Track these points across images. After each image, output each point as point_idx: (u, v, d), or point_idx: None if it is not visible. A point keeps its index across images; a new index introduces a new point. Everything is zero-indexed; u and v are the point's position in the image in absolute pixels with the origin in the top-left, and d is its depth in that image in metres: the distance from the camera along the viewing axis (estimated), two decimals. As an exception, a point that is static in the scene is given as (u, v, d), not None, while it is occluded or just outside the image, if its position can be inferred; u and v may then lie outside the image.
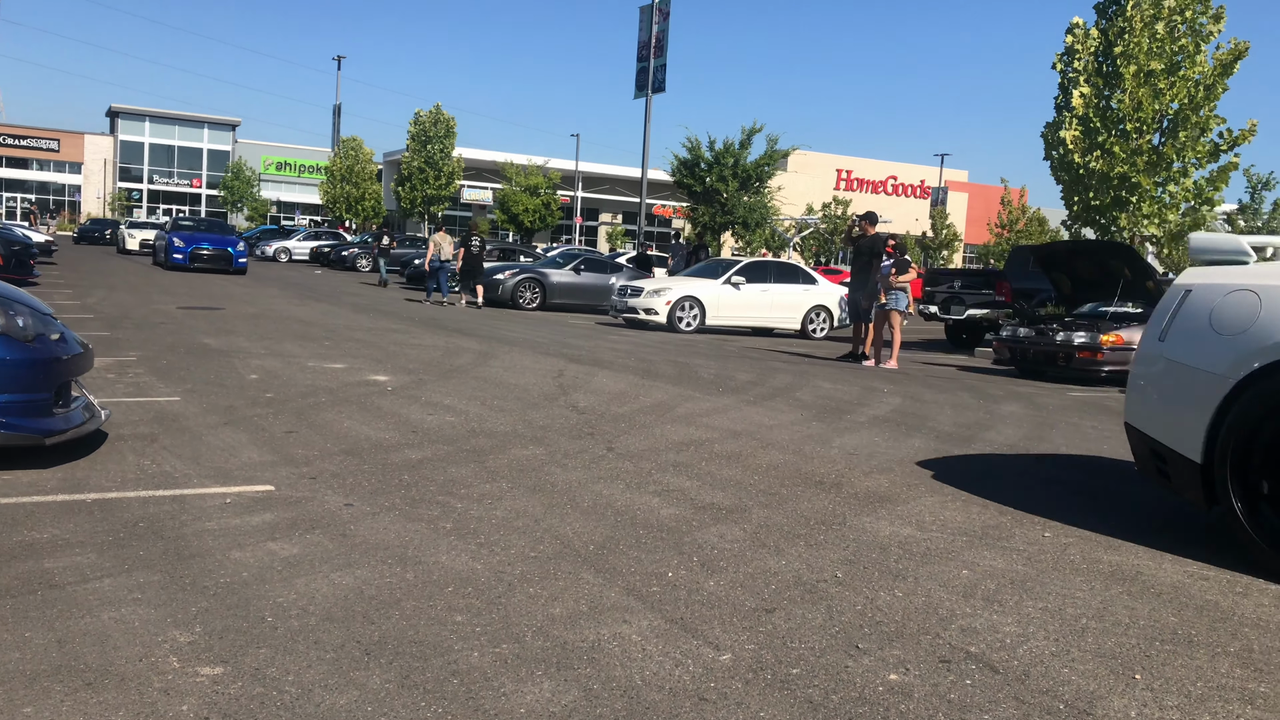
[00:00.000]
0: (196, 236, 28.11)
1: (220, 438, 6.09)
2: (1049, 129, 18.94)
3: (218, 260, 27.70)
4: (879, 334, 14.07)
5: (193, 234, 28.48)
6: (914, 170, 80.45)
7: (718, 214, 35.04)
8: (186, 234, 28.37)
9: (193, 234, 28.48)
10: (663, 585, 3.73)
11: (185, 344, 10.95)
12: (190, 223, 31.73)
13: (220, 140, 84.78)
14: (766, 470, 5.96)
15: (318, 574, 3.66)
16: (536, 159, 61.36)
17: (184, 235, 28.09)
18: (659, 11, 31.65)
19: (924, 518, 4.99)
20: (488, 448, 6.19)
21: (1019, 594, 3.84)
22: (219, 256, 27.74)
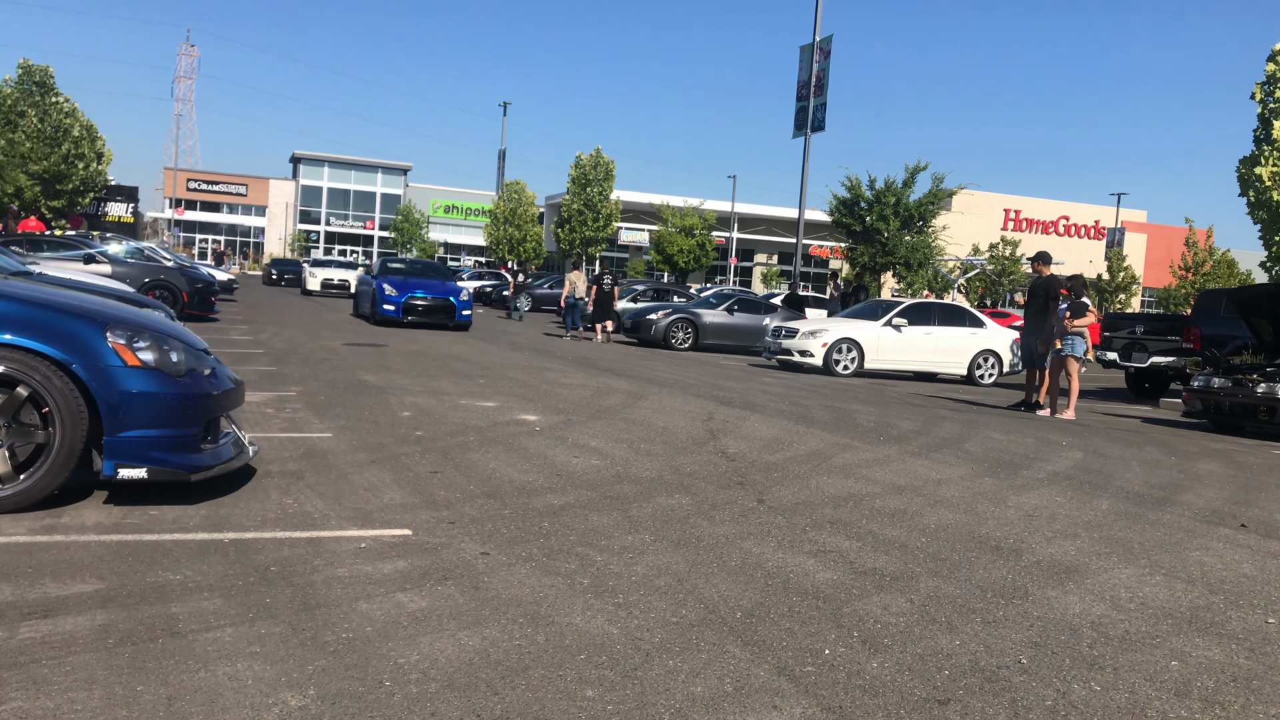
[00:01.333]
0: (410, 283, 22.86)
1: (365, 477, 6.00)
2: (1244, 165, 17.53)
3: (437, 313, 22.38)
4: (1055, 381, 13.15)
5: (405, 279, 23.29)
6: (1087, 210, 76.91)
7: (878, 254, 34.15)
8: (398, 279, 23.20)
9: (405, 279, 23.29)
10: (818, 665, 3.31)
11: (345, 380, 11.15)
12: (401, 265, 25.92)
13: (393, 184, 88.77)
14: (935, 531, 5.44)
15: (444, 632, 3.41)
16: (692, 200, 61.62)
17: (395, 281, 22.92)
18: (820, 50, 31.25)
19: (1119, 594, 4.39)
20: (632, 495, 5.89)
21: (1246, 695, 3.24)
22: (438, 308, 22.39)
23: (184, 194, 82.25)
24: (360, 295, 25.22)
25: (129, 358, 4.86)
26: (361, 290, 25.09)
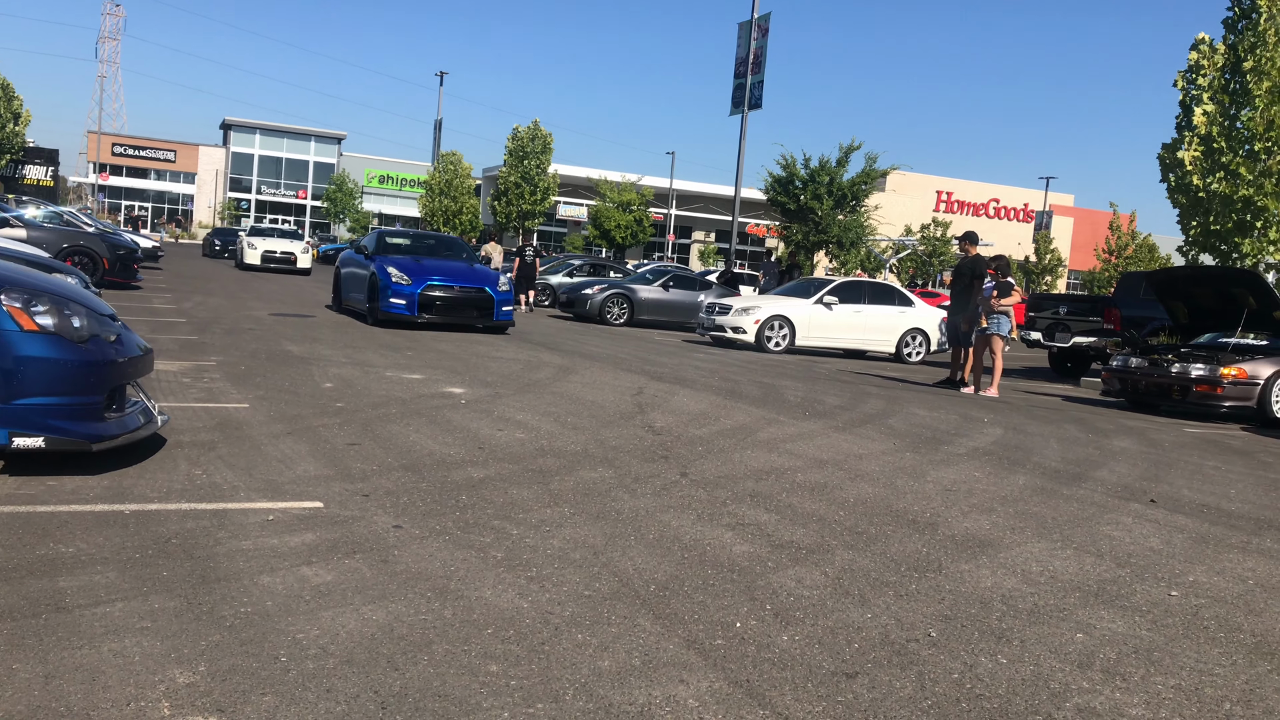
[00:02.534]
0: (425, 266, 15.97)
1: (280, 448, 5.85)
2: (1166, 150, 17.93)
3: (466, 309, 15.69)
4: (979, 360, 13.35)
5: (417, 260, 16.28)
6: (1017, 193, 78.28)
7: (811, 232, 34.37)
8: (407, 261, 16.13)
9: (417, 260, 16.28)
10: (729, 638, 3.29)
11: (268, 350, 10.89)
12: (405, 239, 18.14)
13: (326, 153, 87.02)
14: (854, 505, 5.46)
15: (348, 606, 3.32)
16: (630, 176, 61.41)
17: (404, 263, 15.91)
18: (758, 28, 31.21)
19: (1030, 568, 4.45)
20: (554, 468, 5.82)
21: (1145, 666, 3.29)
22: (468, 302, 15.72)
23: (109, 159, 79.78)
24: (346, 281, 17.62)
25: (25, 321, 4.65)
26: (348, 274, 17.48)
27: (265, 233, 35.65)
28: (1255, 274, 13.27)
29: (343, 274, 18.08)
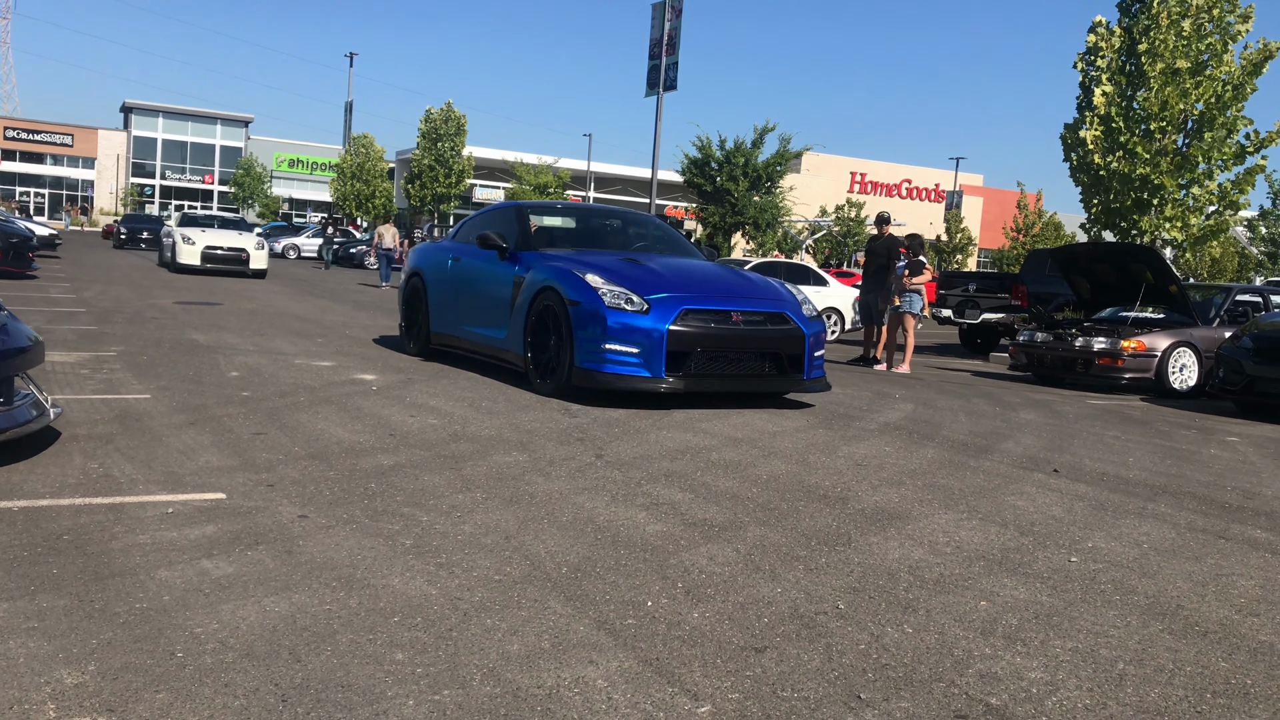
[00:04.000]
0: (653, 270, 8.34)
1: (181, 439, 5.68)
2: (1068, 130, 18.40)
3: (755, 358, 8.18)
4: (892, 337, 13.59)
5: (634, 263, 8.49)
6: (929, 174, 79.80)
7: (728, 214, 34.57)
8: (614, 263, 8.43)
9: (634, 263, 8.49)
10: (639, 617, 3.28)
11: (172, 339, 10.57)
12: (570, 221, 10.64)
13: (233, 136, 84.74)
14: (766, 482, 5.51)
15: (249, 599, 3.23)
16: (547, 158, 61.01)
17: (613, 267, 8.25)
18: (671, 9, 31.16)
19: (937, 538, 4.54)
20: (467, 453, 5.75)
21: (1045, 631, 3.38)
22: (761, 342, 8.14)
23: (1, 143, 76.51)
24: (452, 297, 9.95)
25: (-101, 313, 4.30)
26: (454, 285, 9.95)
27: (200, 222, 26.56)
28: (1152, 250, 13.73)
29: (435, 283, 10.04)
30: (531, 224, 9.67)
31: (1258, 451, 8.02)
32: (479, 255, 9.47)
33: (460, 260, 9.91)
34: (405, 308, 10.81)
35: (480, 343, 9.28)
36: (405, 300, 10.82)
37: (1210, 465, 7.14)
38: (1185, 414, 10.51)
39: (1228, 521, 5.29)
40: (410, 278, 10.80)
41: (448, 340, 9.95)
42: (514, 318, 8.61)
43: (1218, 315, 13.33)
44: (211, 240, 23.92)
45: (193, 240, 23.67)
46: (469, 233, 10.23)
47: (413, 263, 10.94)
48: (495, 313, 8.98)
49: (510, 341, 8.70)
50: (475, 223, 10.41)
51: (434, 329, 10.11)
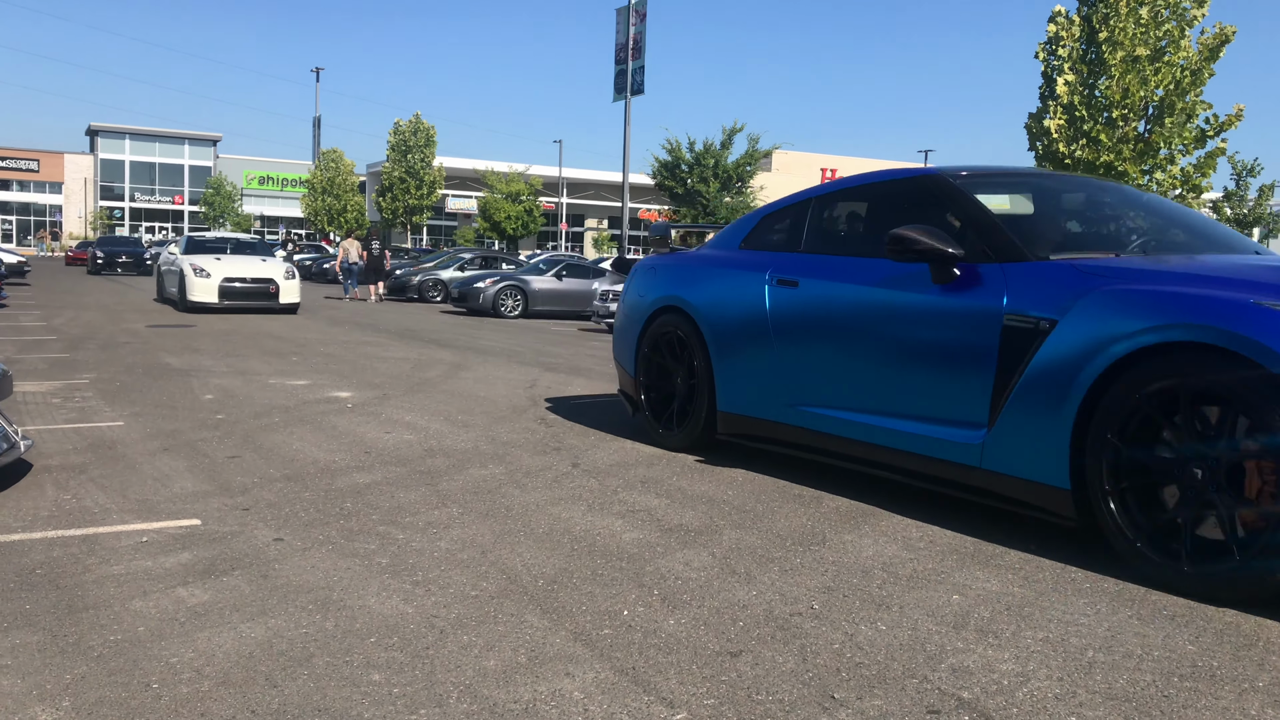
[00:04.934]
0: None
1: (156, 466, 5.66)
2: (1033, 120, 18.58)
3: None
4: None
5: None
6: (899, 167, 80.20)
7: (700, 215, 34.67)
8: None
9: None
10: (616, 627, 3.31)
11: (145, 364, 10.52)
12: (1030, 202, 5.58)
13: (201, 156, 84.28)
14: (742, 484, 5.54)
15: (225, 626, 3.24)
16: (518, 166, 61.00)
17: None
18: (636, 13, 31.25)
19: (910, 533, 4.58)
20: (443, 468, 5.76)
21: (1016, 622, 3.43)
22: None
23: (-35, 171, 75.79)
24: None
25: None
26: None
27: (211, 247, 21.30)
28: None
29: (733, 328, 6.06)
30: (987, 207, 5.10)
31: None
32: (862, 273, 5.30)
33: (806, 284, 5.53)
34: (644, 365, 6.77)
35: (882, 441, 5.10)
36: (643, 354, 6.76)
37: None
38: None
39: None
40: (654, 315, 6.66)
41: (767, 429, 5.83)
42: (1025, 398, 4.33)
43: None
44: (230, 270, 19.47)
45: (207, 271, 19.21)
46: (787, 232, 6.08)
47: (659, 289, 6.65)
48: (938, 385, 4.81)
49: (1012, 448, 4.42)
50: (820, 214, 5.94)
51: (730, 408, 6.01)
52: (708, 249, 6.80)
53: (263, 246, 23.57)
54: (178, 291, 19.65)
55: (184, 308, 19.22)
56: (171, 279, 20.61)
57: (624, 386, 7.19)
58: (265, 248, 23.66)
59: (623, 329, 7.13)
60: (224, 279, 19.19)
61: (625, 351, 7.05)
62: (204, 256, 20.06)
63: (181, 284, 19.39)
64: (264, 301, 19.52)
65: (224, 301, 19.16)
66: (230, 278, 19.30)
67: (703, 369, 6.21)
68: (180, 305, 19.45)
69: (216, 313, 18.98)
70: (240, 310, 19.56)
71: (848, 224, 5.95)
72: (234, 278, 19.35)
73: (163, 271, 22.09)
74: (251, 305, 19.46)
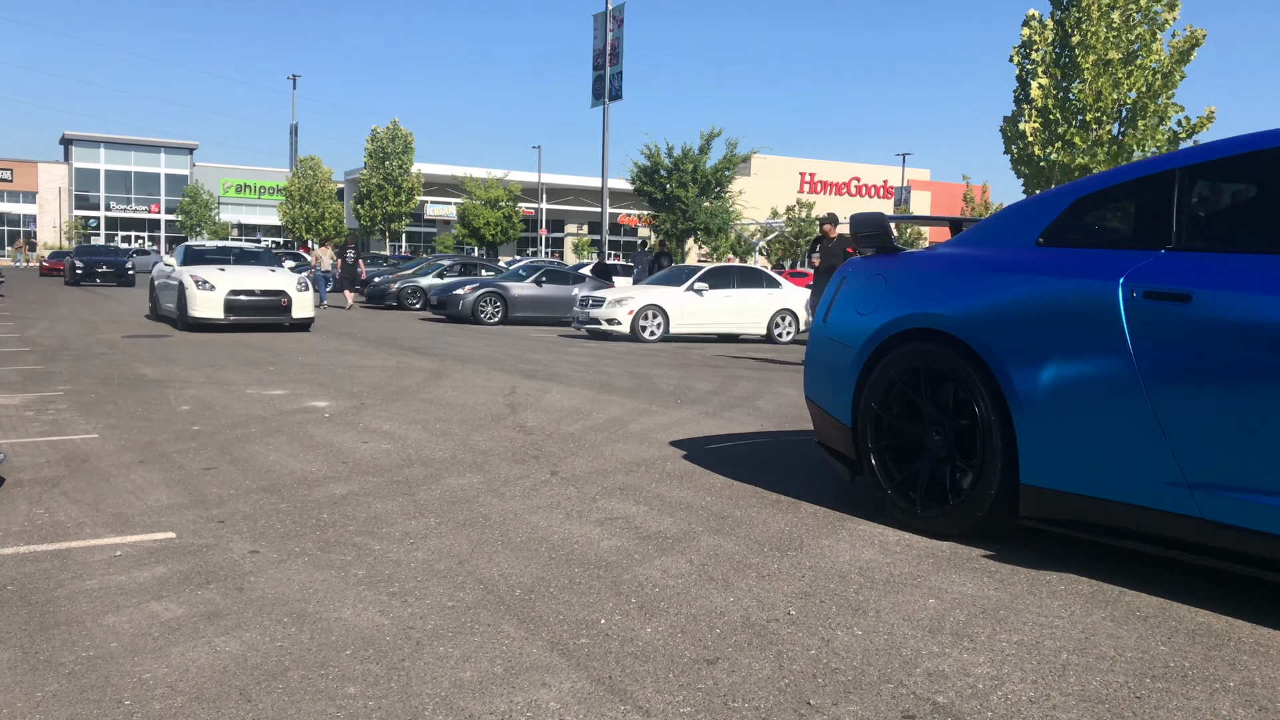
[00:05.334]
0: None
1: (130, 478, 5.61)
2: (1008, 123, 18.72)
3: None
4: (844, 337, 13.68)
5: None
6: (877, 171, 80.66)
7: (679, 220, 34.73)
8: None
9: None
10: (593, 636, 3.31)
11: (120, 375, 10.44)
12: None
13: (178, 164, 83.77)
14: (720, 489, 5.55)
15: (199, 640, 3.21)
16: (496, 172, 60.94)
17: None
18: (613, 19, 31.29)
19: (887, 537, 4.60)
20: (421, 478, 5.74)
21: (992, 625, 3.45)
22: None
23: (-63, 181, 75.05)
24: None
25: None
26: None
27: (212, 258, 19.36)
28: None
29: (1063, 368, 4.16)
30: None
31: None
32: None
33: (1209, 298, 3.76)
34: (870, 411, 5.01)
35: None
36: (871, 396, 5.00)
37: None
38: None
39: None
40: (889, 342, 4.95)
41: (1125, 518, 4.00)
42: None
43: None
44: (237, 281, 17.36)
45: (210, 283, 17.07)
46: (1134, 219, 4.38)
47: (897, 305, 4.97)
48: None
49: None
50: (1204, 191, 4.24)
51: (1048, 481, 4.22)
52: (969, 246, 4.90)
53: (269, 257, 20.92)
54: (176, 307, 17.61)
55: (184, 324, 17.15)
56: (168, 293, 18.44)
57: (827, 438, 5.42)
58: (271, 258, 20.90)
59: (828, 362, 5.36)
60: (230, 292, 17.03)
61: (832, 392, 5.27)
62: (206, 267, 17.95)
63: (181, 298, 17.23)
64: (275, 316, 17.41)
65: (230, 317, 17.02)
66: (237, 290, 17.13)
67: (991, 421, 4.38)
68: (180, 322, 17.37)
69: (221, 330, 17.11)
70: (248, 327, 17.52)
71: (1267, 206, 4.00)
72: (241, 290, 17.19)
73: (157, 285, 19.82)
74: (261, 321, 17.42)
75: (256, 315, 17.30)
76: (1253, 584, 3.95)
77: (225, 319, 16.99)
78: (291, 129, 64.61)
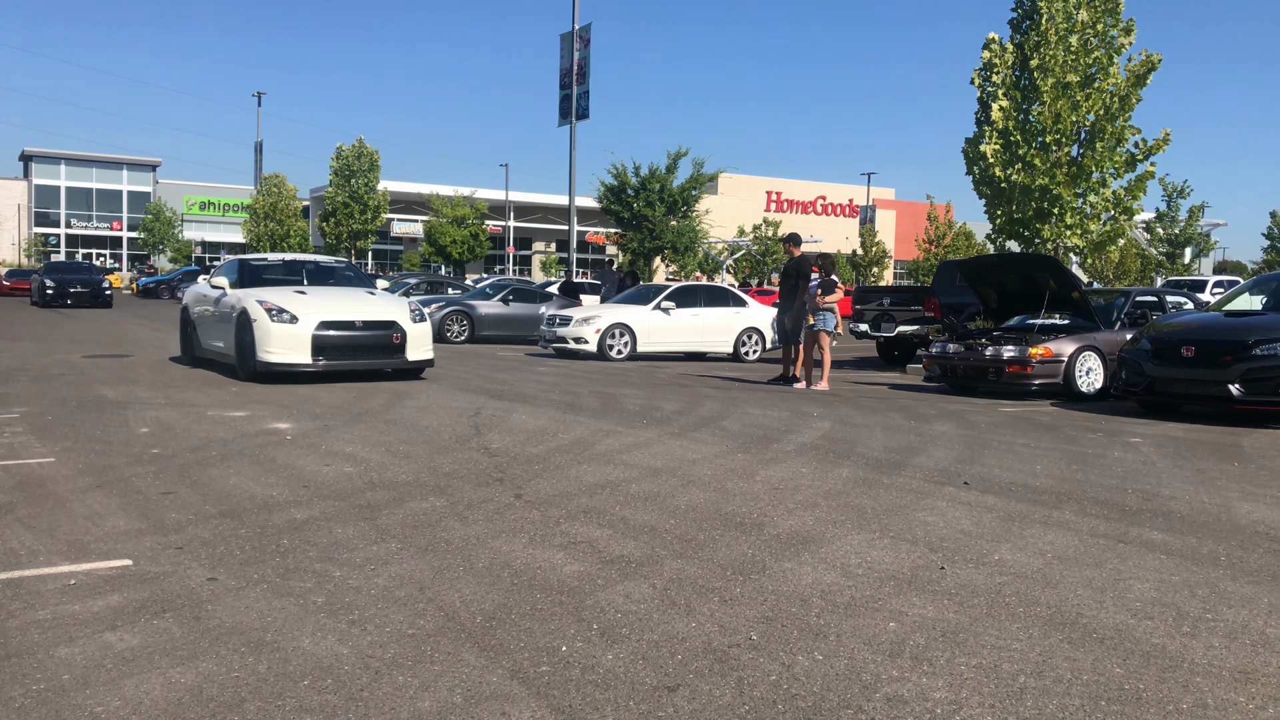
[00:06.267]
0: None
1: (87, 504, 5.53)
2: (969, 144, 18.93)
3: None
4: (809, 355, 13.81)
5: None
6: (842, 190, 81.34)
7: (646, 239, 34.83)
8: None
9: None
10: (553, 663, 3.29)
11: (79, 396, 10.28)
12: None
13: (140, 181, 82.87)
14: (685, 512, 5.56)
15: (154, 671, 3.17)
16: (463, 189, 60.83)
17: None
18: (579, 39, 31.41)
19: (849, 560, 4.62)
20: (383, 501, 5.71)
21: (951, 649, 3.47)
22: None
23: (-108, 198, 73.75)
24: None
25: None
26: None
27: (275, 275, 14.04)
28: (1053, 259, 14.19)
29: None
30: None
31: (1158, 451, 8.32)
32: None
33: None
34: None
35: None
36: None
37: (1113, 468, 7.38)
38: (1092, 416, 10.84)
39: (1127, 525, 5.48)
40: None
41: None
42: None
43: (1119, 318, 13.80)
44: (326, 310, 12.16)
45: (289, 313, 11.86)
46: None
47: None
48: None
49: None
50: None
51: None
52: None
53: (355, 273, 15.15)
54: (236, 346, 12.29)
55: (250, 372, 12.01)
56: (219, 327, 13.20)
57: None
58: (359, 274, 15.31)
59: None
60: (320, 324, 11.91)
61: None
62: (277, 290, 12.73)
63: (245, 335, 11.98)
64: (383, 359, 12.39)
65: (320, 361, 11.87)
66: (329, 322, 12.00)
67: None
68: (242, 368, 12.21)
69: (306, 380, 11.97)
70: (346, 375, 12.37)
71: None
72: (335, 322, 12.05)
73: (198, 315, 14.23)
74: (365, 366, 12.37)
75: (359, 358, 12.24)
76: (1206, 606, 4.01)
77: (313, 364, 11.86)
78: (256, 146, 64.16)
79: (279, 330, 11.79)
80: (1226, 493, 6.46)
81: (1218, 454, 8.20)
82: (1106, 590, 4.21)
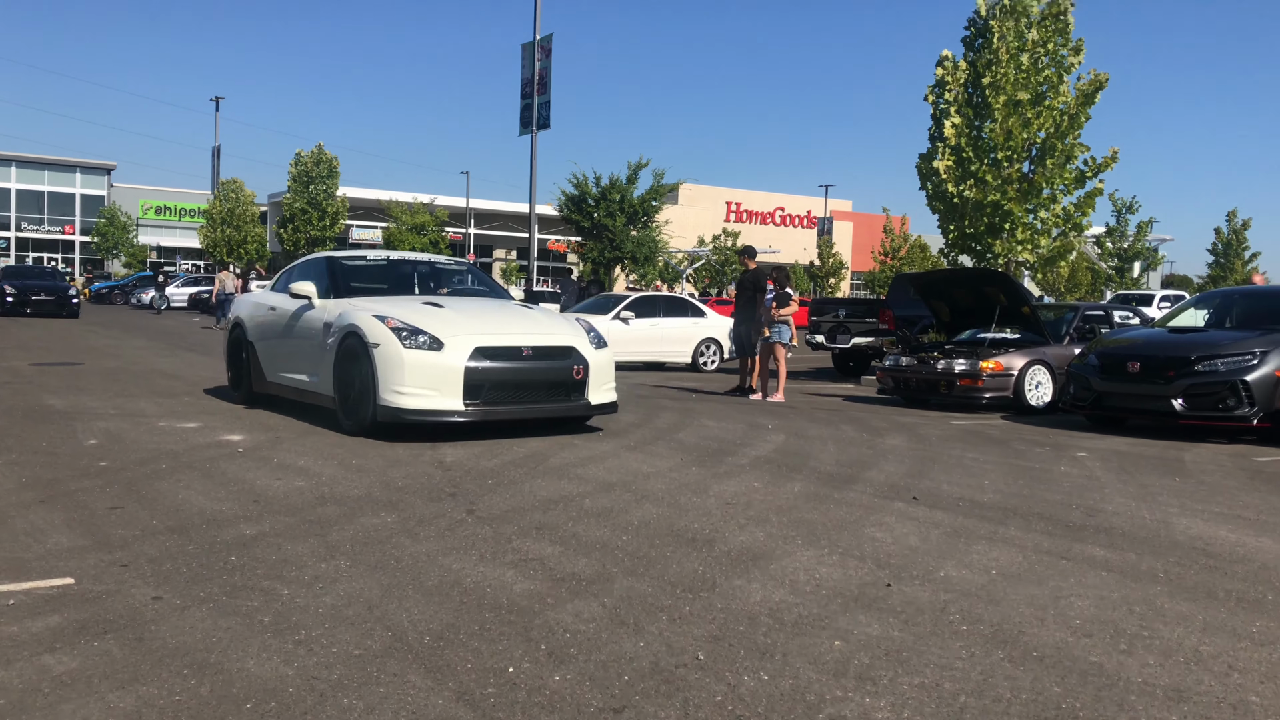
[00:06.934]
0: None
1: (29, 519, 5.44)
2: (923, 160, 19.21)
3: None
4: (765, 366, 13.91)
5: None
6: (801, 201, 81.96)
7: (607, 249, 34.89)
8: None
9: None
10: (500, 685, 3.30)
11: (25, 406, 10.11)
12: None
13: (94, 185, 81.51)
14: (637, 529, 5.58)
15: (93, 695, 3.13)
16: (423, 196, 60.54)
17: None
18: (541, 49, 31.39)
19: (798, 577, 4.67)
20: (334, 517, 5.67)
21: (894, 668, 3.52)
22: None
23: None
24: None
25: None
26: None
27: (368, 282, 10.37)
28: (1004, 274, 14.42)
29: None
30: None
31: (1103, 466, 8.47)
32: None
33: None
34: None
35: None
36: None
37: (1060, 483, 7.51)
38: (1041, 430, 11.02)
39: (1070, 541, 5.58)
40: None
41: None
42: None
43: (1068, 333, 14.05)
44: (480, 332, 8.81)
45: (430, 335, 8.50)
46: None
47: None
48: None
49: None
50: None
51: None
52: None
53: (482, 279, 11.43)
54: (338, 382, 9.08)
55: (367, 421, 8.68)
56: (303, 352, 9.89)
57: None
58: (491, 282, 11.56)
59: None
60: (475, 351, 8.56)
61: None
62: (395, 302, 9.41)
63: (360, 366, 8.73)
64: (559, 402, 9.10)
65: (473, 406, 8.51)
66: (487, 348, 8.65)
67: None
68: (355, 415, 8.86)
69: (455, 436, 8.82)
70: (510, 426, 9.21)
71: None
72: (495, 348, 8.71)
73: (260, 334, 10.81)
74: (536, 413, 9.03)
75: (526, 401, 8.92)
76: (1143, 623, 4.10)
77: (465, 411, 8.49)
78: (214, 151, 63.37)
79: (415, 360, 8.36)
80: (1167, 508, 6.60)
81: (1160, 469, 8.37)
82: (1048, 608, 4.29)
